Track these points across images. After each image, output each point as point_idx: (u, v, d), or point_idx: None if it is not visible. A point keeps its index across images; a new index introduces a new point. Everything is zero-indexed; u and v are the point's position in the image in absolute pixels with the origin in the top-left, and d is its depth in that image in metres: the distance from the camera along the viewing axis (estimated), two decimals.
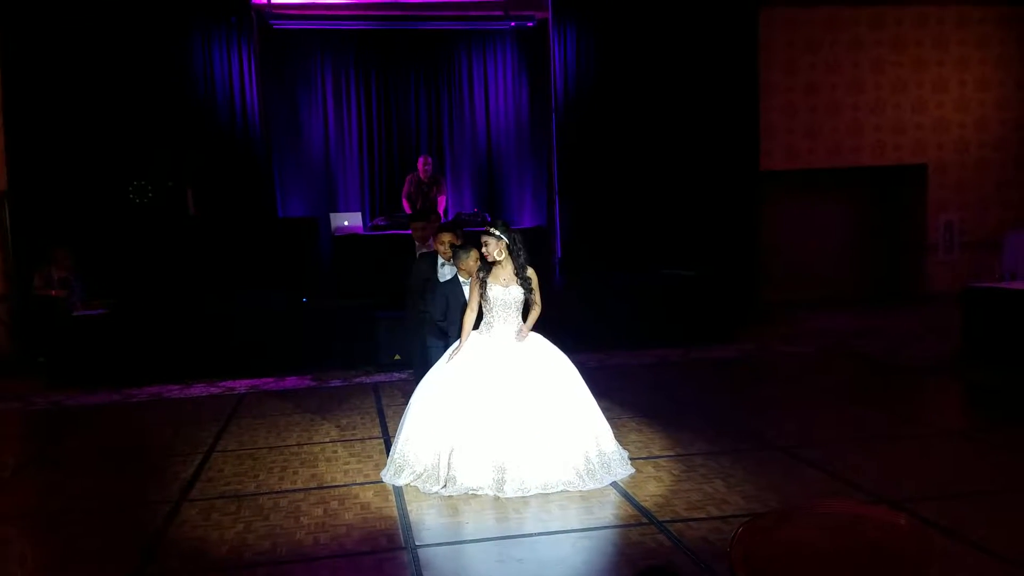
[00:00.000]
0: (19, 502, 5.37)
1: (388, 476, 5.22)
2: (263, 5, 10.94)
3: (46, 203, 10.19)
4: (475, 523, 4.50)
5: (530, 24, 11.89)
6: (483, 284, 5.18)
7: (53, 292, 9.31)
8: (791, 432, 6.06)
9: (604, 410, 6.70)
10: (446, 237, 6.28)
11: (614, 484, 4.97)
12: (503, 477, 4.83)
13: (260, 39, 11.11)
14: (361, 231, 11.01)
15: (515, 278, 5.19)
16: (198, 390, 8.45)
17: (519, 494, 4.78)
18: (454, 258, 5.88)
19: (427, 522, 4.54)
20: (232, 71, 10.81)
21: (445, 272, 6.25)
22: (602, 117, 11.39)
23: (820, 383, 7.99)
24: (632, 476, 5.11)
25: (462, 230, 6.67)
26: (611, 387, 7.63)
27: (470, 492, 4.85)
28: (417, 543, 4.25)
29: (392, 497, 4.94)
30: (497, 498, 4.77)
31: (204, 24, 10.70)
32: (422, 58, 12.27)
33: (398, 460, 5.20)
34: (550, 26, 11.42)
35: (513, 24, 11.80)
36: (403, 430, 5.25)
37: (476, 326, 5.28)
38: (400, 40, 12.05)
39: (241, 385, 8.56)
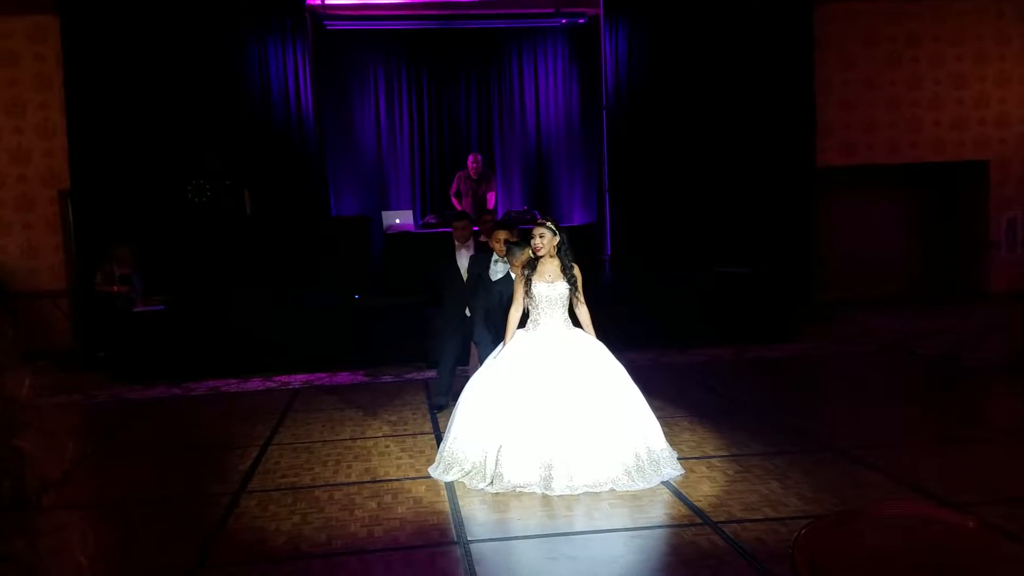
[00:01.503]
0: (82, 492, 5.50)
1: (437, 472, 5.25)
2: (317, 6, 11.07)
3: (107, 202, 10.46)
4: (526, 519, 4.50)
5: (581, 21, 11.85)
6: (528, 281, 5.19)
7: (115, 288, 9.54)
8: (849, 433, 5.94)
9: (656, 409, 6.65)
10: (502, 235, 6.30)
11: (666, 484, 4.93)
12: (550, 474, 4.81)
13: (314, 40, 11.26)
14: (412, 229, 11.10)
15: (561, 275, 5.18)
16: (254, 385, 8.60)
17: (567, 492, 4.76)
18: (508, 254, 5.90)
19: (479, 517, 4.56)
20: (287, 72, 10.97)
21: (498, 269, 6.26)
22: (654, 113, 11.31)
23: (878, 383, 7.83)
24: (684, 476, 5.05)
25: (517, 227, 6.71)
26: (663, 386, 7.57)
27: (517, 489, 4.84)
28: (469, 538, 4.26)
29: (444, 492, 4.97)
30: (548, 496, 4.76)
31: (259, 26, 10.88)
32: (473, 56, 12.32)
33: (447, 458, 5.23)
34: (601, 22, 11.37)
35: (564, 21, 11.77)
36: (451, 428, 5.28)
37: (523, 323, 5.29)
38: (451, 39, 12.11)
39: (296, 380, 8.69)
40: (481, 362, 5.66)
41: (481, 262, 6.56)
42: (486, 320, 6.34)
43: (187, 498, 5.20)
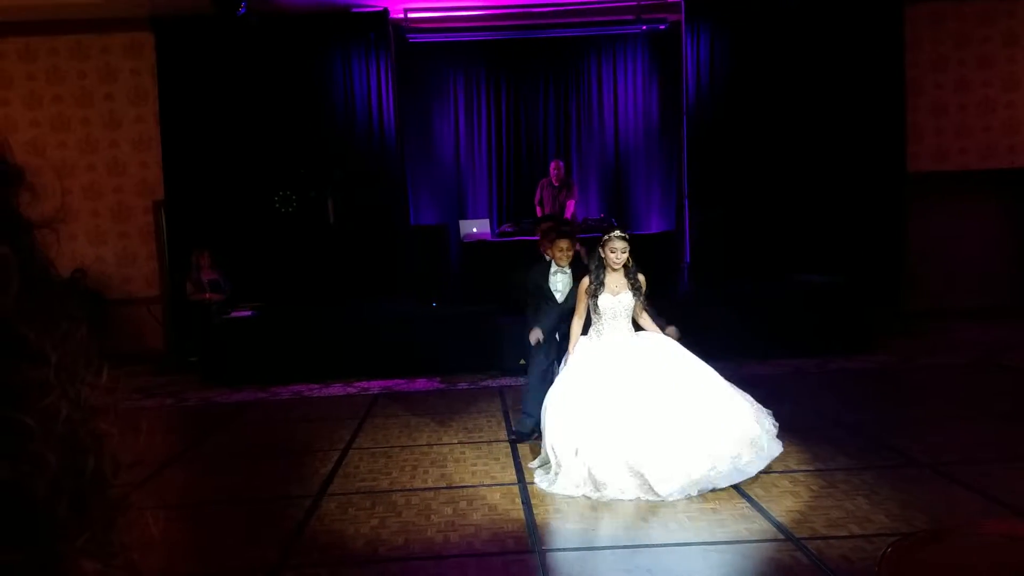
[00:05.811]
0: (169, 493, 5.69)
1: (540, 477, 5.22)
2: (400, 20, 11.25)
3: (199, 212, 10.86)
4: (602, 530, 4.46)
5: (662, 27, 11.71)
6: (595, 295, 5.16)
7: (207, 296, 9.85)
8: (940, 448, 5.70)
9: None
10: (564, 244, 6.13)
11: (747, 497, 4.82)
12: (645, 480, 4.74)
13: (396, 53, 11.44)
14: (489, 237, 11.15)
15: (626, 285, 5.14)
16: (336, 390, 8.77)
17: (674, 493, 4.69)
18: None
19: (553, 526, 4.54)
20: (371, 86, 11.21)
21: (557, 281, 6.11)
22: (735, 119, 11.11)
23: (971, 397, 7.48)
24: (766, 490, 4.93)
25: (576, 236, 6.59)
26: None
27: (619, 495, 4.77)
28: (544, 547, 4.25)
29: (519, 500, 4.97)
30: (631, 504, 4.72)
31: (345, 41, 11.15)
32: (552, 65, 12.31)
33: (544, 456, 5.29)
34: (683, 28, 11.24)
35: (644, 27, 11.65)
36: (547, 432, 5.22)
37: (584, 331, 5.31)
38: (531, 48, 12.14)
39: (374, 386, 8.83)
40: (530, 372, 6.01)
41: (540, 273, 6.24)
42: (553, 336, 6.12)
43: (270, 499, 5.33)
